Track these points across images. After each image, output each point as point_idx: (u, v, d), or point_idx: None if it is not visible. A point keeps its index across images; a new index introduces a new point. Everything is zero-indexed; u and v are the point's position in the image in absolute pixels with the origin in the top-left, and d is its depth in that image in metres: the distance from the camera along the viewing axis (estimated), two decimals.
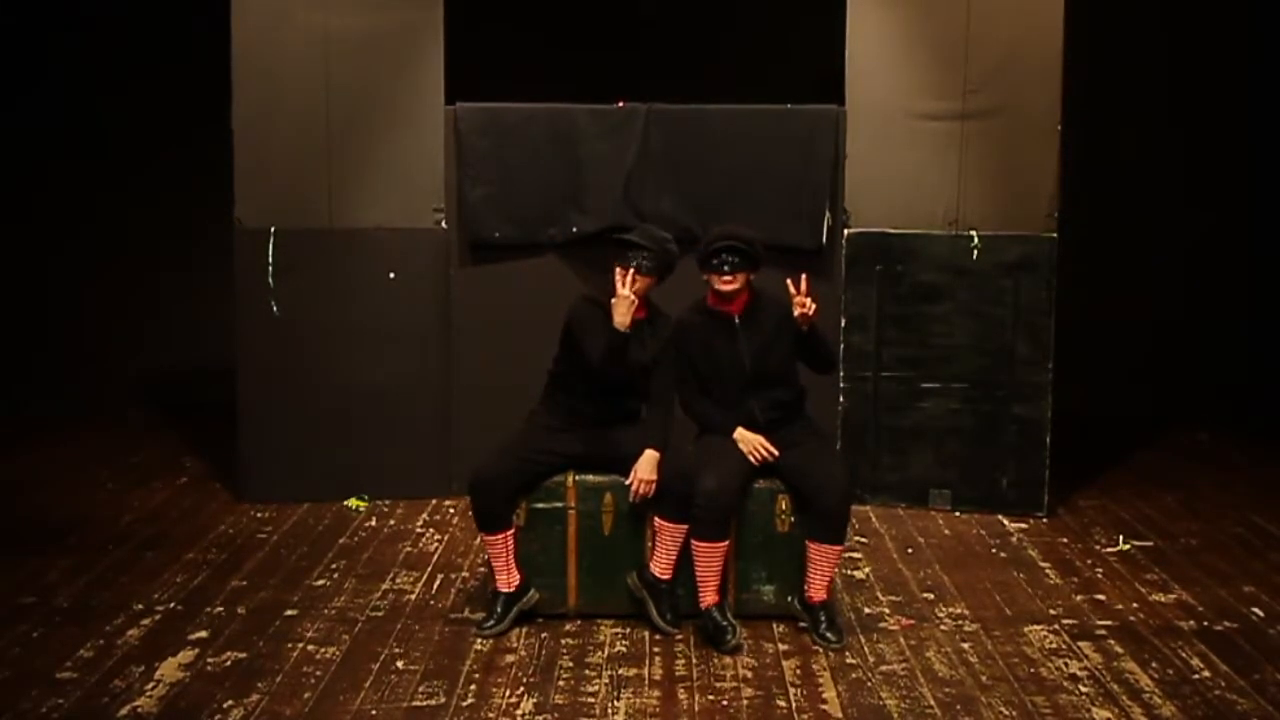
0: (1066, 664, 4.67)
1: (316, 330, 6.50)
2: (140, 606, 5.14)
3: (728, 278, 4.95)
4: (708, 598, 4.88)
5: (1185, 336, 8.86)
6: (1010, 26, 6.29)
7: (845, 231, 6.56)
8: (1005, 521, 6.39)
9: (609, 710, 4.26)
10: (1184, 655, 4.76)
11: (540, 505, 5.03)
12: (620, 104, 6.58)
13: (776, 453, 4.95)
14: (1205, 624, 5.06)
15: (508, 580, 4.96)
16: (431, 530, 6.21)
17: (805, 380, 5.16)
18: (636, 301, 4.84)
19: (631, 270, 4.86)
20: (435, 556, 5.82)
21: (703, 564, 4.88)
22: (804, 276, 4.94)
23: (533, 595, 4.98)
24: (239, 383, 6.52)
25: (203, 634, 4.87)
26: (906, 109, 6.43)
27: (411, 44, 6.45)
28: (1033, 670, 4.61)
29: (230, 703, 4.28)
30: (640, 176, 6.52)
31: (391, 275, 6.54)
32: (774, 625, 4.99)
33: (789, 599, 4.99)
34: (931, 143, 6.41)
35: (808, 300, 4.87)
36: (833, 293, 6.55)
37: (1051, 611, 5.20)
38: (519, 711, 4.25)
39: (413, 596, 5.32)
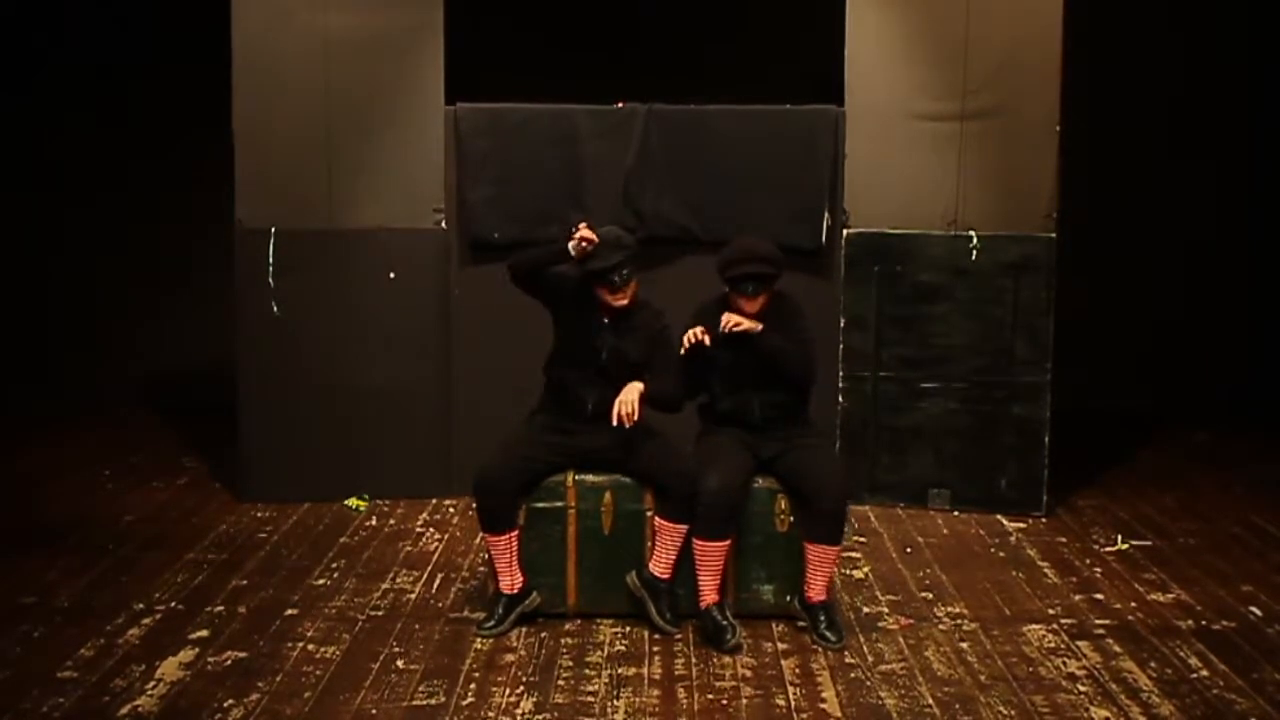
0: (1065, 663, 4.67)
1: (316, 330, 6.51)
2: (140, 606, 5.14)
3: (753, 301, 4.94)
4: (708, 597, 4.89)
5: (1185, 336, 8.86)
6: (1010, 27, 6.29)
7: (845, 231, 6.56)
8: (1004, 521, 6.39)
9: (608, 710, 4.27)
10: (1182, 655, 4.76)
11: (540, 505, 5.03)
12: (620, 104, 6.58)
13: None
14: (1204, 623, 5.07)
15: (510, 582, 4.96)
16: (431, 530, 6.22)
17: None
18: (593, 240, 4.82)
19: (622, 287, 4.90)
20: (435, 556, 5.83)
21: (704, 563, 4.89)
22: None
23: (534, 598, 4.98)
24: (239, 383, 6.52)
25: (203, 633, 4.87)
26: (906, 109, 6.44)
27: (411, 44, 6.45)
28: (1031, 670, 4.62)
29: (230, 702, 4.29)
30: (640, 176, 6.52)
31: (391, 275, 6.54)
32: (773, 625, 4.99)
33: (788, 599, 5.00)
34: (931, 143, 6.41)
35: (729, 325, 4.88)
36: (832, 293, 6.56)
37: (1050, 611, 5.20)
38: (519, 711, 4.26)
39: (413, 596, 5.32)
